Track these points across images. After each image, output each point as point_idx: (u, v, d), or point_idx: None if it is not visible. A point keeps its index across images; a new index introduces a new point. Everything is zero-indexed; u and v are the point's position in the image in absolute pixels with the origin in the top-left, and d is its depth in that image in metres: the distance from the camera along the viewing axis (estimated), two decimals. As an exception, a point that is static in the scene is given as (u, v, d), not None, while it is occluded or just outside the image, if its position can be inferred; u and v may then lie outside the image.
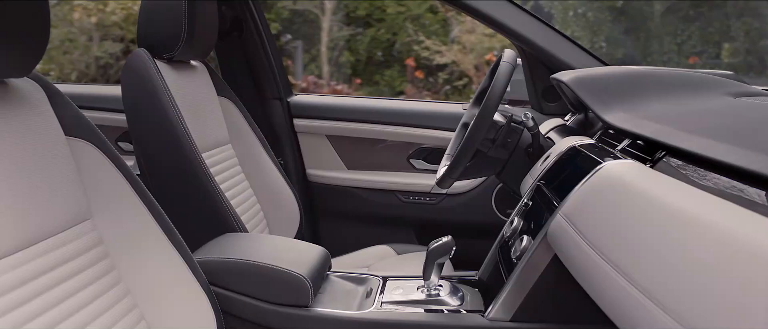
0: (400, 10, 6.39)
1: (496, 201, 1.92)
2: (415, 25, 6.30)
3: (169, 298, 1.07)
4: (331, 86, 6.25)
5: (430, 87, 6.29)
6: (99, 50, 5.75)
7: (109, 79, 5.86)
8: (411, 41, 6.29)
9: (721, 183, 0.77)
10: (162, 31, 1.43)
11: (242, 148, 1.71)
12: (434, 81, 6.29)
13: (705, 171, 0.83)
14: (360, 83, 6.44)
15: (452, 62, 6.10)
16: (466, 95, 6.07)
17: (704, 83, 1.29)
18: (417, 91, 6.29)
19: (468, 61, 6.05)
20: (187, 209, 1.34)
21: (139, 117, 1.39)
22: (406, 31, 6.32)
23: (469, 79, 6.10)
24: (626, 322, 0.72)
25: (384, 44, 6.49)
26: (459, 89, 6.13)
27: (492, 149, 1.40)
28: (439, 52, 6.07)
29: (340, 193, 2.07)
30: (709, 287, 0.56)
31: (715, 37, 5.15)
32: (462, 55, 6.09)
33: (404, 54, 6.42)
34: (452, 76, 6.18)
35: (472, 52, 6.04)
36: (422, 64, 6.25)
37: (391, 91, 6.34)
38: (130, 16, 5.70)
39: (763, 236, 0.55)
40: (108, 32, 5.82)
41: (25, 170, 0.88)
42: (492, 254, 1.31)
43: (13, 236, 0.84)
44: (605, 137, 1.27)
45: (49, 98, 0.99)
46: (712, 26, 5.17)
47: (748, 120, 0.95)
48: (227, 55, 2.04)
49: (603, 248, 0.80)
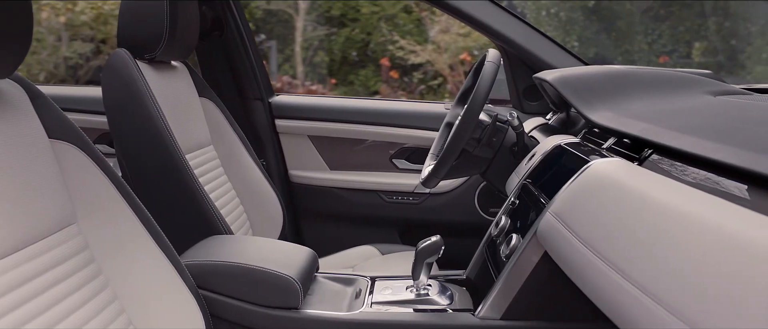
0: (375, 9, 6.39)
1: (478, 200, 1.93)
2: (389, 25, 6.30)
3: (157, 302, 1.05)
4: (306, 86, 6.23)
5: (405, 87, 6.30)
6: (68, 51, 5.64)
7: (79, 81, 5.76)
8: (385, 41, 6.29)
9: (709, 180, 0.78)
10: (143, 31, 1.41)
11: (224, 149, 1.69)
12: (409, 81, 6.30)
13: (693, 168, 0.84)
14: (335, 83, 6.43)
15: (427, 62, 6.11)
16: (441, 95, 6.09)
17: (685, 82, 1.31)
18: (392, 91, 6.29)
19: (442, 61, 6.08)
20: (171, 212, 1.32)
21: (121, 118, 1.37)
22: (381, 30, 6.33)
23: (443, 79, 6.12)
24: (622, 318, 0.73)
25: (358, 44, 6.48)
26: (434, 89, 6.15)
27: (477, 148, 1.41)
28: (414, 52, 6.08)
29: (322, 193, 2.06)
30: (703, 281, 0.58)
31: (686, 36, 5.24)
32: (437, 55, 6.11)
33: (379, 54, 6.42)
34: (427, 76, 6.19)
35: (446, 51, 6.06)
36: (397, 64, 6.25)
37: (365, 91, 6.34)
38: (100, 15, 5.59)
39: (753, 231, 0.57)
40: (77, 32, 5.71)
41: (9, 174, 0.86)
42: (479, 253, 1.32)
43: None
44: (590, 135, 1.28)
45: (32, 99, 0.97)
46: (683, 25, 5.26)
47: (733, 119, 0.97)
48: (208, 55, 2.02)
49: (596, 245, 0.81)
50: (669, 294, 0.62)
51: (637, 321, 0.68)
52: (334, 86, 6.39)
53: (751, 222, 0.59)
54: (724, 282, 0.55)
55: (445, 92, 6.05)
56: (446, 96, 6.00)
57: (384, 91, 6.28)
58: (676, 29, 5.31)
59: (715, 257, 0.58)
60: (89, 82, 5.78)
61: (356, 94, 6.28)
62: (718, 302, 0.54)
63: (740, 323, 0.51)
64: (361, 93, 6.32)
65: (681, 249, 0.64)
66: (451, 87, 6.02)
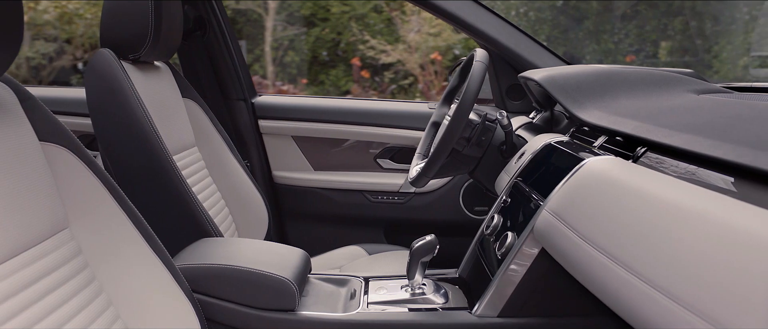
0: (345, 9, 6.37)
1: (463, 199, 1.94)
2: (359, 24, 6.30)
3: (152, 307, 1.03)
4: (277, 86, 6.18)
5: (376, 86, 6.30)
6: (30, 50, 5.49)
7: (42, 81, 5.61)
8: (356, 41, 6.29)
9: (703, 175, 0.81)
10: (128, 31, 1.38)
11: (208, 150, 1.66)
12: (380, 80, 6.30)
13: (687, 165, 0.87)
14: (306, 83, 6.40)
15: (398, 62, 6.12)
16: (412, 94, 6.11)
17: (669, 81, 1.34)
18: (363, 90, 6.29)
19: (413, 61, 6.09)
20: (159, 214, 1.30)
21: (106, 119, 1.34)
22: (351, 30, 6.32)
23: (414, 79, 6.14)
24: (629, 312, 0.74)
25: (329, 44, 6.46)
26: (405, 88, 6.16)
27: (467, 147, 1.42)
28: (385, 52, 6.09)
29: (307, 194, 2.05)
30: (708, 272, 0.60)
31: (653, 35, 5.35)
32: (407, 55, 6.13)
33: (349, 53, 6.41)
34: (398, 76, 6.20)
35: (417, 51, 6.08)
36: (368, 63, 6.25)
37: (336, 91, 6.32)
38: (64, 14, 5.46)
39: (757, 224, 0.59)
40: (40, 32, 5.56)
41: (1, 178, 0.83)
42: (472, 251, 1.32)
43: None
44: (579, 134, 1.30)
45: (21, 101, 0.94)
46: (650, 25, 5.37)
47: (726, 116, 1.00)
48: (189, 55, 1.98)
49: (599, 241, 0.82)
50: (676, 285, 0.64)
51: (645, 314, 0.69)
52: (306, 86, 6.35)
53: (753, 215, 0.61)
54: (732, 276, 0.57)
55: (416, 91, 6.07)
56: (417, 95, 6.03)
57: (355, 91, 6.28)
58: (643, 28, 5.41)
59: (722, 251, 0.60)
60: (53, 83, 5.64)
61: (327, 94, 6.26)
62: (724, 291, 0.57)
63: (742, 308, 0.54)
64: (331, 93, 6.31)
65: (684, 242, 0.66)
66: (423, 87, 6.05)
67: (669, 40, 5.31)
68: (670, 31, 5.28)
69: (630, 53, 5.40)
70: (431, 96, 5.88)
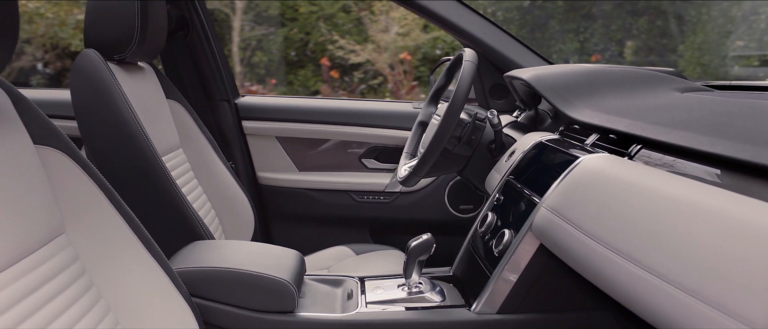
0: (313, 9, 6.35)
1: (448, 198, 1.96)
2: (328, 24, 6.28)
3: (151, 312, 1.02)
4: (246, 87, 6.12)
5: (346, 86, 6.30)
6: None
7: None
8: (325, 41, 6.27)
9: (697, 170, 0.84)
10: (113, 31, 1.35)
11: (193, 152, 1.64)
12: (349, 80, 6.30)
13: (681, 161, 0.90)
14: (275, 83, 6.35)
15: (367, 61, 6.13)
16: (381, 94, 6.12)
17: (653, 80, 1.38)
18: (332, 90, 6.28)
19: (382, 61, 6.11)
20: (150, 217, 1.27)
21: (93, 121, 1.30)
22: (320, 30, 6.30)
23: (383, 79, 6.16)
24: (639, 304, 0.76)
25: (297, 44, 6.43)
26: (374, 88, 6.18)
27: (458, 146, 1.43)
28: (354, 52, 6.09)
29: (292, 195, 2.03)
30: (718, 264, 0.62)
31: (618, 35, 5.47)
32: (377, 55, 6.14)
33: (318, 54, 6.39)
34: (367, 76, 6.21)
35: (386, 51, 6.10)
36: (337, 63, 6.24)
37: (305, 91, 6.30)
38: (24, 13, 5.30)
39: (758, 216, 0.62)
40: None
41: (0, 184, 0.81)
42: (466, 249, 1.33)
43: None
44: (568, 132, 1.32)
45: (14, 103, 0.92)
46: (615, 24, 5.48)
47: (713, 114, 1.03)
48: (172, 56, 1.95)
49: (605, 237, 0.84)
50: (685, 276, 0.66)
51: (655, 305, 0.71)
52: (274, 87, 6.31)
53: (755, 208, 0.64)
54: (737, 266, 0.60)
55: (386, 91, 6.09)
56: (387, 95, 6.04)
57: (324, 91, 6.26)
58: (609, 28, 5.52)
59: (723, 240, 0.63)
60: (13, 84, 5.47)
61: (296, 94, 6.23)
62: (730, 280, 0.60)
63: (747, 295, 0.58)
64: (301, 93, 6.28)
65: (691, 234, 0.68)
66: (392, 86, 6.06)
67: (634, 40, 5.43)
68: (635, 30, 5.40)
69: (595, 53, 5.51)
70: (401, 95, 5.91)
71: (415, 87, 5.96)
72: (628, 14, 5.40)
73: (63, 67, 5.97)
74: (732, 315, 0.58)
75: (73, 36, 5.67)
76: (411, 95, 5.88)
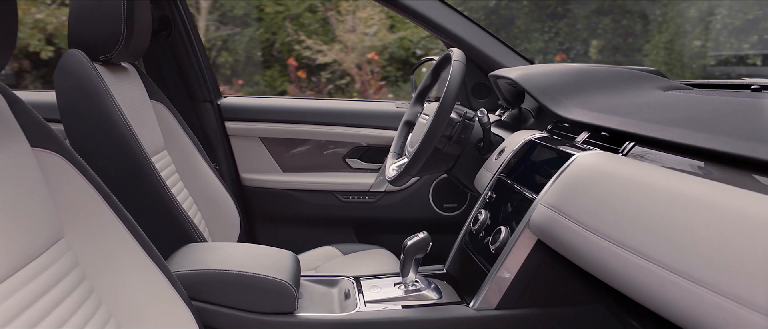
0: (279, 9, 6.30)
1: (433, 196, 1.97)
2: (294, 24, 6.25)
3: (152, 316, 1.00)
4: (212, 87, 6.03)
5: (313, 87, 6.27)
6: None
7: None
8: (291, 41, 6.23)
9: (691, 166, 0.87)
10: (99, 32, 1.32)
11: (178, 153, 1.62)
12: (317, 80, 6.28)
13: (675, 157, 0.93)
14: (241, 83, 6.28)
15: (334, 61, 6.12)
16: (349, 94, 6.12)
17: (636, 79, 1.41)
18: (300, 91, 6.24)
19: (350, 61, 6.10)
20: (141, 219, 1.25)
21: (80, 122, 1.27)
22: (286, 30, 6.25)
23: (351, 78, 6.15)
24: (645, 295, 0.78)
25: (263, 44, 6.37)
26: (342, 88, 6.17)
27: (448, 145, 1.44)
28: (321, 52, 6.07)
29: (276, 196, 2.02)
30: (723, 254, 0.65)
31: (584, 34, 5.57)
32: (344, 55, 6.13)
33: (285, 54, 6.34)
34: (334, 76, 6.19)
35: (353, 51, 6.10)
36: (304, 63, 6.21)
37: (272, 91, 6.25)
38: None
39: (761, 208, 0.65)
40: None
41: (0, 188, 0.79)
42: (459, 247, 1.35)
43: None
44: (557, 130, 1.35)
45: (10, 105, 0.89)
46: (580, 23, 5.58)
47: (702, 111, 1.06)
48: (155, 56, 1.92)
49: (608, 232, 0.86)
50: (690, 266, 0.69)
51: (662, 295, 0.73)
52: (241, 87, 6.24)
53: (754, 200, 0.68)
54: (741, 257, 0.63)
55: (354, 91, 6.09)
56: (355, 95, 6.04)
57: (292, 91, 6.22)
58: (574, 27, 5.62)
59: (726, 231, 0.66)
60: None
61: (263, 94, 6.18)
62: (734, 268, 0.63)
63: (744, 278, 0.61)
64: (267, 93, 6.23)
65: (695, 226, 0.71)
66: (359, 86, 6.06)
67: (599, 39, 5.54)
68: (600, 29, 5.51)
69: (560, 52, 5.60)
70: (369, 95, 5.91)
71: (383, 87, 5.97)
72: (593, 13, 5.50)
73: (20, 68, 5.80)
74: (741, 303, 0.61)
75: (31, 36, 5.51)
76: (379, 95, 5.89)
